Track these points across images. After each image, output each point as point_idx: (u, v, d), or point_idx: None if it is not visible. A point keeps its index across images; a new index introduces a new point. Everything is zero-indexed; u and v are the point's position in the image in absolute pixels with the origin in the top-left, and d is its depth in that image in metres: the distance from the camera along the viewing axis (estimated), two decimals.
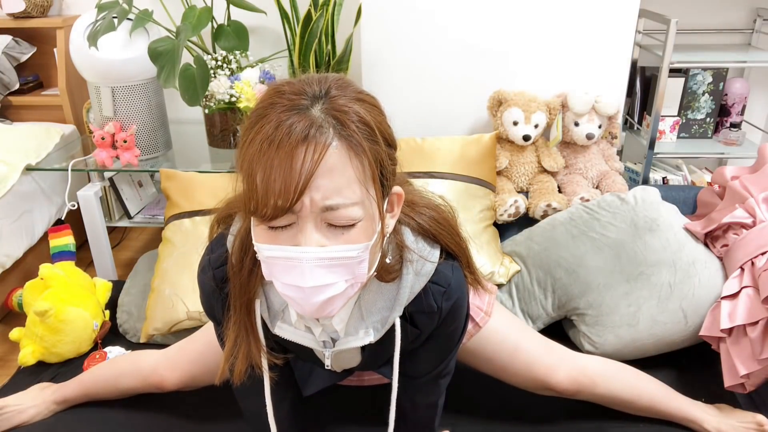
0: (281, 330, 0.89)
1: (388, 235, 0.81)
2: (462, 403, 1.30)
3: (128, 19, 1.83)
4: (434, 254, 0.87)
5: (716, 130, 2.09)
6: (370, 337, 0.87)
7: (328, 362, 0.94)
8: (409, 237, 0.86)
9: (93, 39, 1.77)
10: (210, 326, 1.19)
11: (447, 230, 0.90)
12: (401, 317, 0.87)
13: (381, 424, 0.99)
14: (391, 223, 0.81)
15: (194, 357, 1.22)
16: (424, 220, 0.88)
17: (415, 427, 1.07)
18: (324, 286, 0.72)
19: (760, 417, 1.20)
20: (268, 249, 0.72)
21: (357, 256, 0.72)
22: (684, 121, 2.06)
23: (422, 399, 1.05)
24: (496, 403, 1.30)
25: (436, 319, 0.90)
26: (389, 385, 0.95)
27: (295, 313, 0.88)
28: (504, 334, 1.19)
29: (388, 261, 0.83)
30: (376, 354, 0.95)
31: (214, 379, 1.21)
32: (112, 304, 1.64)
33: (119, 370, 1.31)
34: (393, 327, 0.88)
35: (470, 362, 1.22)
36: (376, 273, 0.82)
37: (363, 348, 0.95)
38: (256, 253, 0.76)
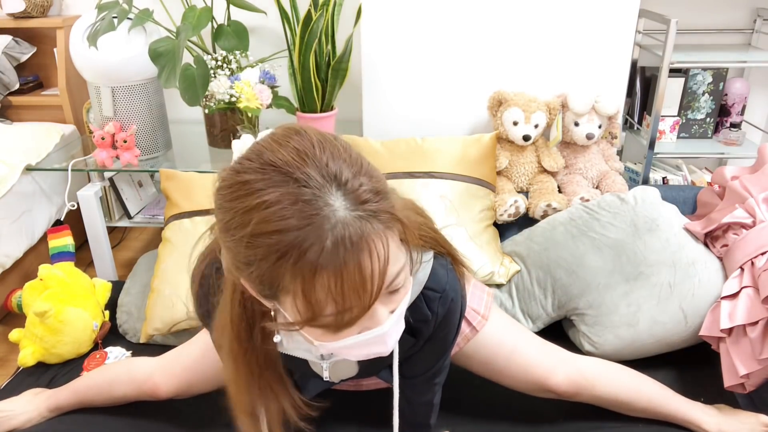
0: (280, 345, 0.88)
1: None
2: (462, 403, 1.30)
3: (128, 18, 1.83)
4: (426, 253, 0.87)
5: (716, 130, 2.09)
6: None
7: (326, 374, 0.93)
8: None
9: (93, 39, 1.77)
10: (205, 333, 1.18)
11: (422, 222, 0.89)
12: None
13: (380, 426, 0.99)
14: None
15: (189, 364, 1.21)
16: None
17: (412, 424, 1.07)
18: (396, 336, 0.74)
19: (765, 417, 1.19)
20: (343, 344, 0.70)
21: (410, 296, 0.75)
22: (684, 121, 2.06)
23: (418, 398, 1.05)
24: (496, 403, 1.30)
25: (432, 325, 0.90)
26: (387, 388, 0.95)
27: None
28: (501, 337, 1.18)
29: None
30: (372, 363, 0.95)
31: (209, 387, 1.20)
32: (111, 305, 1.64)
33: (113, 377, 1.29)
34: None
35: (468, 366, 1.21)
36: None
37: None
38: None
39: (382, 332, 0.70)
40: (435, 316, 0.89)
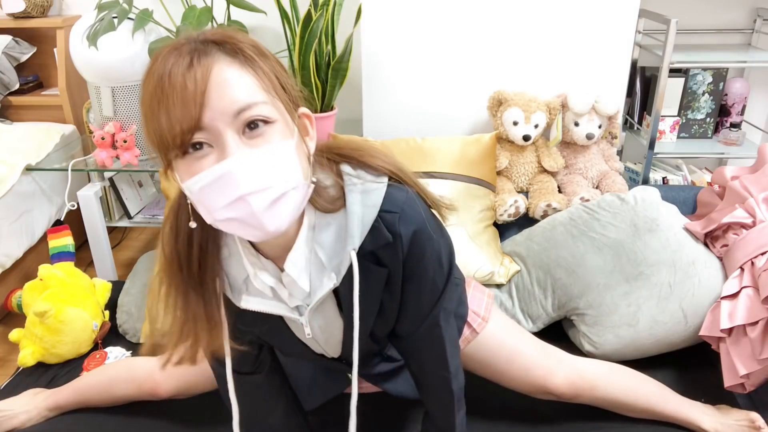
0: (248, 303, 0.85)
1: (312, 159, 0.80)
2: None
3: (128, 18, 1.83)
4: (379, 178, 0.84)
5: (716, 130, 2.09)
6: (333, 282, 0.83)
7: (307, 330, 0.89)
8: (347, 167, 0.84)
9: (93, 39, 1.77)
10: None
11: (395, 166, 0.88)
12: (361, 256, 0.82)
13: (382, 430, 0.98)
14: (311, 145, 0.80)
15: None
16: (375, 162, 0.86)
17: (435, 401, 1.02)
18: (264, 190, 0.70)
19: (753, 414, 1.20)
20: (196, 181, 0.70)
21: (285, 155, 0.72)
22: (684, 121, 2.06)
23: (428, 359, 0.99)
24: (496, 403, 1.30)
25: (400, 249, 0.84)
26: (391, 394, 0.94)
27: (256, 276, 0.84)
28: (501, 338, 1.18)
29: (315, 180, 0.79)
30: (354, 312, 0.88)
31: (209, 387, 1.20)
32: (111, 305, 1.64)
33: (113, 376, 1.30)
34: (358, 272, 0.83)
35: (468, 367, 1.21)
36: (318, 203, 0.80)
37: (341, 309, 0.90)
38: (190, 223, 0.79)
39: (230, 166, 0.68)
40: (399, 240, 0.83)
